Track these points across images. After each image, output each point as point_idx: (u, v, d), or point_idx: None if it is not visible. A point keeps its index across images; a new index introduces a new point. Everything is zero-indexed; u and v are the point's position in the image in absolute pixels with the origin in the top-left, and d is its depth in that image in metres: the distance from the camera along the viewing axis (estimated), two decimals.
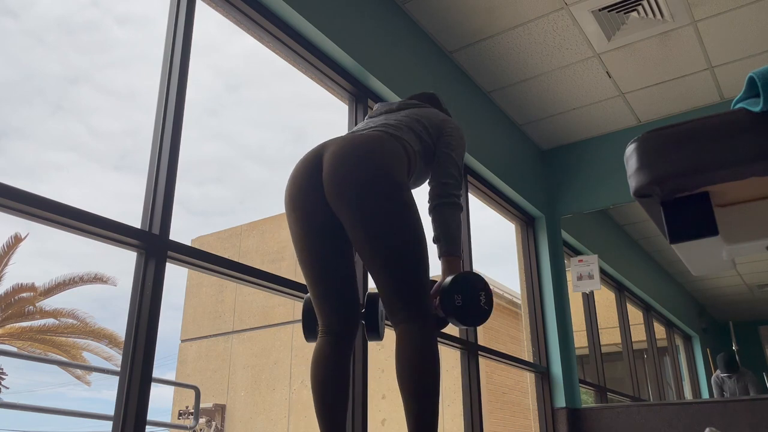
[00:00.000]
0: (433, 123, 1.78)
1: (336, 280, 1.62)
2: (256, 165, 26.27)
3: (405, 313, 1.50)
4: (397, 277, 1.50)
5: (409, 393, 1.44)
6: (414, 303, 1.51)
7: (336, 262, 1.62)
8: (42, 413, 4.57)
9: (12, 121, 16.79)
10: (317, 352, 1.61)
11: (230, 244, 12.63)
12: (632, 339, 4.44)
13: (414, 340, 1.48)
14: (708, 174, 0.75)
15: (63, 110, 20.98)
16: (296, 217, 1.61)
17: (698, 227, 0.79)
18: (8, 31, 16.51)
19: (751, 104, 0.76)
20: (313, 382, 1.58)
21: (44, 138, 17.94)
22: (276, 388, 11.03)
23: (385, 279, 1.52)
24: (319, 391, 1.56)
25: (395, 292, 1.51)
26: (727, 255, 0.93)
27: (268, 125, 25.62)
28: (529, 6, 3.35)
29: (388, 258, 1.50)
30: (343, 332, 1.62)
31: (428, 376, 1.45)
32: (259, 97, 25.42)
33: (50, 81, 18.85)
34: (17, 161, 17.79)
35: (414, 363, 1.45)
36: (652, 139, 0.80)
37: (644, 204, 0.84)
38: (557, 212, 4.58)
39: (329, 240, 1.61)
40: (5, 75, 16.16)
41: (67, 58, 19.16)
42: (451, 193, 1.70)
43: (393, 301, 1.52)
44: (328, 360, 1.58)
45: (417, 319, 1.50)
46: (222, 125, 24.53)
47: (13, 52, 16.68)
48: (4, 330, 9.79)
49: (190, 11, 2.21)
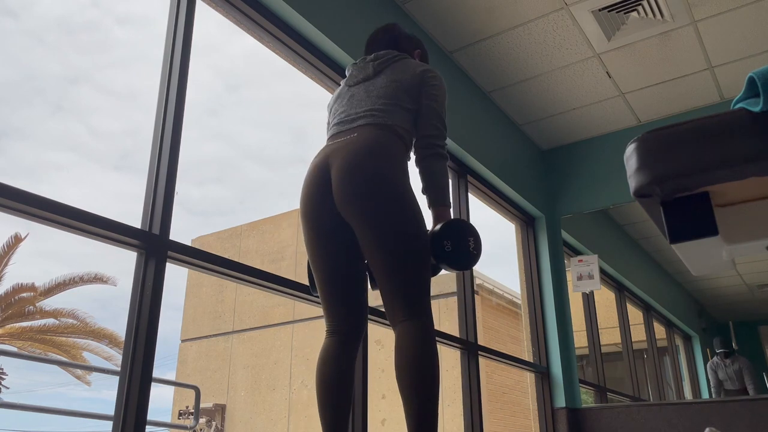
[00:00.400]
0: (413, 83, 1.81)
1: (343, 281, 1.69)
2: (256, 165, 26.22)
3: (406, 311, 1.55)
4: (399, 278, 1.57)
5: (408, 392, 1.47)
6: (414, 302, 1.56)
7: (344, 265, 1.70)
8: (42, 413, 4.57)
9: (12, 121, 16.77)
10: (324, 351, 1.66)
11: (230, 244, 12.63)
12: (632, 339, 4.44)
13: (414, 339, 1.51)
14: (708, 174, 0.75)
15: (63, 110, 20.95)
16: (309, 225, 1.72)
17: (698, 227, 0.79)
18: (8, 31, 16.49)
19: (751, 104, 0.76)
20: (319, 380, 1.63)
21: (44, 138, 17.91)
22: (276, 388, 11.04)
23: (387, 280, 1.58)
24: (324, 390, 1.61)
25: (397, 292, 1.56)
26: (727, 255, 0.93)
27: (268, 125, 25.60)
28: (529, 6, 3.35)
29: (391, 260, 1.57)
30: (349, 332, 1.67)
31: (428, 375, 1.47)
32: (259, 97, 25.40)
33: (50, 81, 18.82)
34: (17, 161, 17.77)
35: (414, 362, 1.48)
36: (652, 139, 0.80)
37: (644, 204, 0.84)
38: (557, 212, 4.58)
39: (339, 244, 1.70)
40: (5, 75, 16.12)
41: (67, 59, 19.14)
42: (435, 144, 1.77)
43: (394, 301, 1.57)
44: (334, 360, 1.63)
45: (417, 318, 1.54)
46: (222, 125, 24.51)
47: (13, 52, 16.65)
48: (4, 330, 9.79)
49: (190, 11, 2.21)
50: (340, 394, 1.60)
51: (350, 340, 1.67)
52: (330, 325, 1.69)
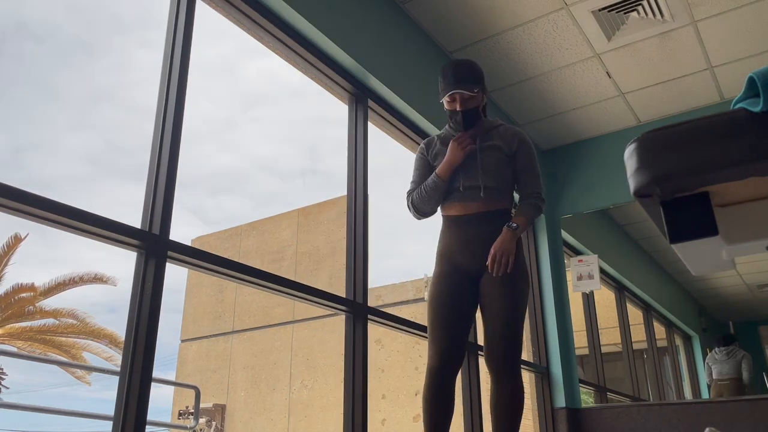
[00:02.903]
0: (508, 157, 2.20)
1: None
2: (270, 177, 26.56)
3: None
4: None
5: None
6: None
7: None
8: (42, 413, 4.56)
9: (33, 137, 16.91)
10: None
11: (230, 244, 12.62)
12: (632, 339, 4.44)
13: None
14: (708, 174, 0.75)
15: (83, 126, 21.14)
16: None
17: (698, 227, 0.79)
18: (32, 54, 16.74)
19: (751, 104, 0.76)
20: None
21: (64, 152, 18.08)
22: (276, 388, 11.03)
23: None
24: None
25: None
26: (727, 255, 0.93)
27: (281, 141, 26.04)
28: (529, 6, 3.35)
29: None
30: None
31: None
32: (274, 113, 25.83)
33: (71, 99, 19.02)
34: (35, 174, 17.91)
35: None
36: (651, 139, 0.80)
37: (644, 204, 0.84)
38: (557, 212, 4.58)
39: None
40: (27, 92, 16.29)
41: (89, 78, 19.42)
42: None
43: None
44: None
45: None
46: (237, 139, 24.95)
47: (37, 73, 16.81)
48: (4, 330, 9.78)
49: (190, 11, 2.21)
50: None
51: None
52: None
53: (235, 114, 26.02)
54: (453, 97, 2.16)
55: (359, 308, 2.68)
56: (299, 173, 29.25)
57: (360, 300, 2.71)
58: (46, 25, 18.55)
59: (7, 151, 18.81)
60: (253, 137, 26.38)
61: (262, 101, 26.99)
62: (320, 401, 10.23)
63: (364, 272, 2.78)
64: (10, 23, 13.99)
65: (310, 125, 26.00)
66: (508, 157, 2.17)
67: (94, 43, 21.45)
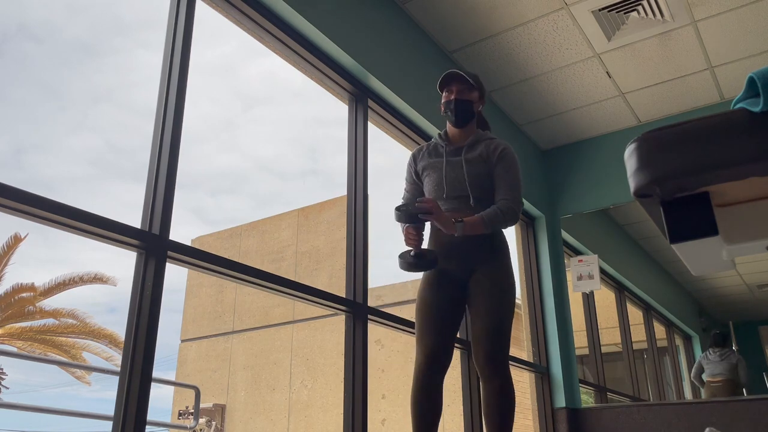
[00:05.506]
0: (490, 167, 2.17)
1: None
2: (270, 177, 26.54)
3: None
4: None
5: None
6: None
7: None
8: (42, 413, 4.56)
9: (34, 138, 16.93)
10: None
11: (230, 244, 12.62)
12: (632, 339, 4.44)
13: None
14: (708, 174, 0.75)
15: (84, 127, 21.15)
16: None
17: (698, 227, 0.79)
18: (32, 54, 16.74)
19: (751, 104, 0.76)
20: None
21: (65, 153, 18.10)
22: (276, 388, 11.03)
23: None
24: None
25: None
26: (727, 255, 0.93)
27: (281, 141, 26.05)
28: (529, 6, 3.35)
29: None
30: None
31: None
32: (274, 113, 25.86)
33: (72, 100, 19.03)
34: (36, 174, 17.91)
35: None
36: (651, 139, 0.80)
37: (644, 204, 0.84)
38: (557, 212, 4.58)
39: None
40: (28, 94, 16.30)
41: (90, 79, 19.43)
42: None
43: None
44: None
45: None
46: (238, 139, 24.96)
47: (36, 73, 16.81)
48: (4, 330, 9.78)
49: (190, 11, 2.21)
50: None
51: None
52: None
53: (236, 114, 26.05)
54: (449, 89, 2.17)
55: (359, 308, 2.68)
56: (299, 173, 29.32)
57: (360, 300, 2.71)
58: (47, 26, 18.59)
59: (8, 152, 18.87)
60: (253, 137, 26.42)
61: (262, 101, 27.05)
62: (320, 401, 10.23)
63: (364, 272, 2.78)
64: (11, 24, 14.05)
65: (310, 125, 26.01)
66: (489, 167, 2.16)
67: (94, 44, 21.51)
